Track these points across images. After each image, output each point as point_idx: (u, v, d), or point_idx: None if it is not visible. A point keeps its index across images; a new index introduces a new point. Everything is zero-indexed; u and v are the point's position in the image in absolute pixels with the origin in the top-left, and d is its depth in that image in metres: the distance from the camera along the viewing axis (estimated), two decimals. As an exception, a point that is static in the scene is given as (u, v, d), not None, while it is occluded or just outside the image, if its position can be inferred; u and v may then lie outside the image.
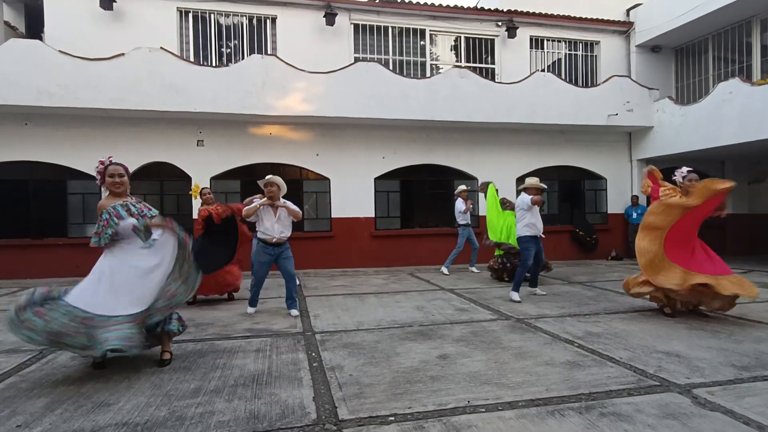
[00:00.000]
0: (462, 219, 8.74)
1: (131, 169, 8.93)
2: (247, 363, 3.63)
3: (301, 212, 5.32)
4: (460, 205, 8.68)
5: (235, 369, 3.49)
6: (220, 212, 5.92)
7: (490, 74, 11.07)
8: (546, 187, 6.46)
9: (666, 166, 11.49)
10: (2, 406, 2.85)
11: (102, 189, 3.63)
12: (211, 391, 3.06)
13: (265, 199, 5.15)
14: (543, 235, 6.28)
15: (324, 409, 2.76)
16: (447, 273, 8.83)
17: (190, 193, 6.80)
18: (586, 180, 11.43)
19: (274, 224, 5.15)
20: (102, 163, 3.54)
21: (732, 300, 4.75)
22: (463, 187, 8.91)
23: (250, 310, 5.47)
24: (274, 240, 5.14)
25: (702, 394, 2.93)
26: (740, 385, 3.06)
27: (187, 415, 2.68)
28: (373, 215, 10.13)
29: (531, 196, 6.07)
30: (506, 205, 8.16)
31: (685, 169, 4.96)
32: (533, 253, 6.13)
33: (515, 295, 6.03)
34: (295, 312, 5.34)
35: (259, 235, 5.21)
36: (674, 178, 5.06)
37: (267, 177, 5.16)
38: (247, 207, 5.24)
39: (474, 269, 9.09)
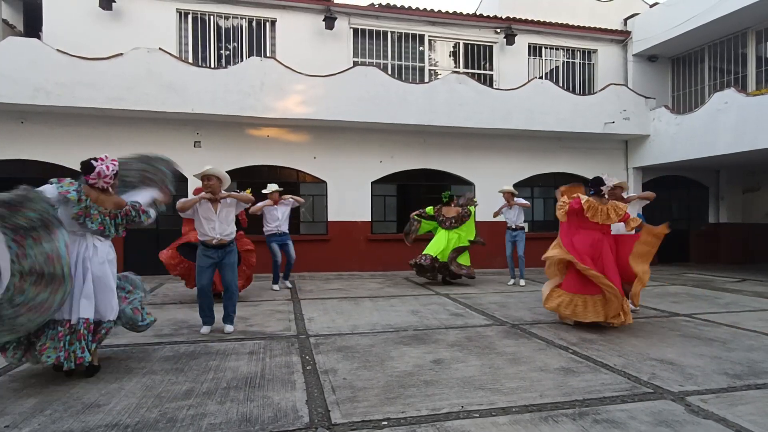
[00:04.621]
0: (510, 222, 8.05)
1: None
2: (240, 365, 3.61)
3: (252, 197, 4.71)
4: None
5: (227, 371, 3.47)
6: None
7: (488, 80, 11.11)
8: (624, 184, 5.93)
9: (661, 175, 11.66)
10: (-9, 405, 2.82)
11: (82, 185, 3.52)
12: (203, 393, 3.04)
13: (204, 192, 4.50)
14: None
15: (317, 412, 2.75)
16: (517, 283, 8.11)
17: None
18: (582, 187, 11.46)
19: (215, 222, 4.47)
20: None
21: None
22: (506, 188, 8.13)
23: (204, 329, 4.61)
24: (215, 242, 4.48)
25: (695, 401, 2.93)
26: (733, 393, 3.07)
27: (178, 417, 2.66)
28: (370, 219, 10.12)
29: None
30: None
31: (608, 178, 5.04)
32: None
33: None
34: (229, 328, 4.65)
35: (199, 236, 4.57)
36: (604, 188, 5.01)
37: (205, 168, 4.45)
38: (182, 200, 4.51)
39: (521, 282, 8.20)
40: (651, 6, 11.85)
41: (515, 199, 8.00)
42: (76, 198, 3.27)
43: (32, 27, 10.37)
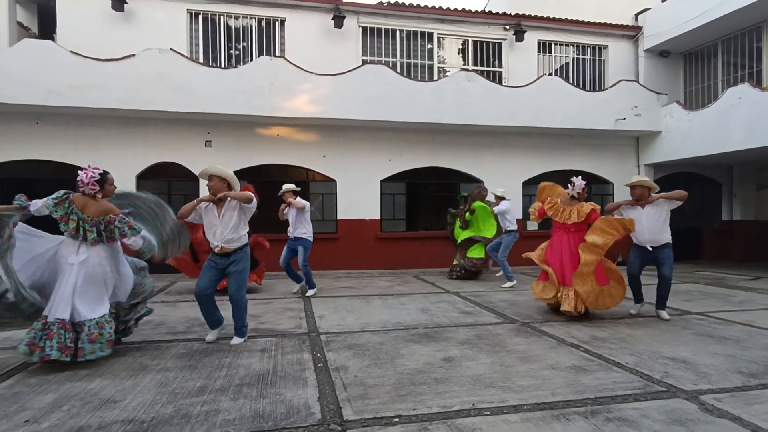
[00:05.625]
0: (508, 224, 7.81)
1: (139, 169, 9.04)
2: (253, 362, 3.64)
3: (251, 195, 4.07)
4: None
5: (240, 368, 3.51)
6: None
7: (497, 78, 11.06)
8: (649, 183, 5.21)
9: (673, 171, 11.52)
10: (10, 401, 2.89)
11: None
12: (217, 389, 3.08)
13: (207, 195, 4.11)
14: (650, 248, 5.06)
15: (329, 409, 2.77)
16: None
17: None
18: (592, 184, 11.36)
19: (217, 227, 4.04)
20: None
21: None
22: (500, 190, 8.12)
23: (209, 336, 4.25)
24: (217, 249, 4.06)
25: (709, 400, 2.91)
26: (748, 392, 3.04)
27: (192, 414, 2.70)
28: (379, 217, 10.13)
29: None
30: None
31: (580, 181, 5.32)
32: (633, 263, 5.24)
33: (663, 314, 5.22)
34: (236, 340, 4.18)
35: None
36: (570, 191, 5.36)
37: (205, 168, 4.10)
38: (185, 205, 4.15)
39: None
40: (662, 0, 11.69)
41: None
42: (52, 205, 3.61)
43: (46, 29, 10.52)
